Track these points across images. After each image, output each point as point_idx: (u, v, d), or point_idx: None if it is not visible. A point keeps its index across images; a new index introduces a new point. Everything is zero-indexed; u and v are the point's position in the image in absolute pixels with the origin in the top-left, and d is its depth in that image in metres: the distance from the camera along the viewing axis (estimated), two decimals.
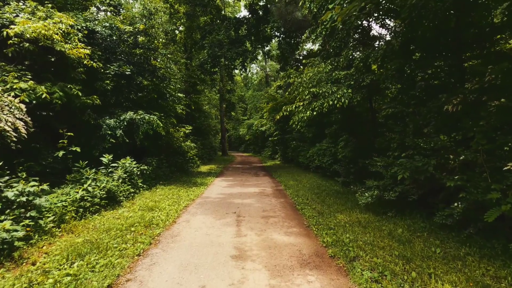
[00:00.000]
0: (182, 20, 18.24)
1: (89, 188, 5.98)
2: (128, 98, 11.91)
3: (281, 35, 15.41)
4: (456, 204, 4.07)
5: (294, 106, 6.68)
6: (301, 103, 6.57)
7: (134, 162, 8.68)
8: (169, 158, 14.26)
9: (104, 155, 7.44)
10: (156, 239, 4.75)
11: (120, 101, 12.24)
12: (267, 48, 19.20)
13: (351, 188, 8.50)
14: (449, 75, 5.40)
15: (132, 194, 7.90)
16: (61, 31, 7.42)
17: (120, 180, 7.71)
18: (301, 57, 15.86)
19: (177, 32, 22.22)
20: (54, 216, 4.93)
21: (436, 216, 4.51)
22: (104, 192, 6.40)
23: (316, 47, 22.32)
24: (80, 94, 7.42)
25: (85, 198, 5.85)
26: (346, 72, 7.03)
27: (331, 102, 6.14)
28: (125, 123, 9.39)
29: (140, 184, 8.84)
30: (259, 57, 49.62)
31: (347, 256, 3.87)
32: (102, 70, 9.50)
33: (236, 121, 48.33)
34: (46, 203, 5.00)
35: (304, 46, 22.94)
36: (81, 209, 5.61)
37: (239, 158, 29.25)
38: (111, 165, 7.50)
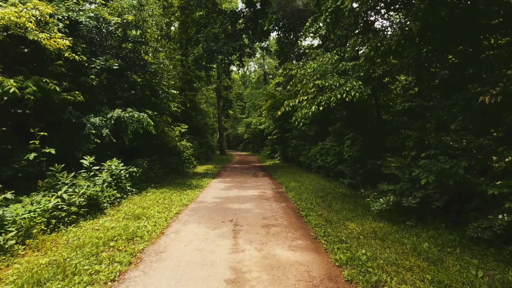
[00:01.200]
0: (176, 14, 17.44)
1: (65, 196, 5.23)
2: (116, 95, 11.15)
3: (280, 29, 14.65)
4: (500, 216, 3.37)
5: (297, 101, 5.96)
6: (305, 97, 5.84)
7: (121, 164, 7.93)
8: (163, 159, 13.51)
9: (85, 157, 6.67)
10: (138, 257, 4.01)
11: (109, 98, 11.50)
12: (265, 44, 18.42)
13: (360, 191, 7.80)
14: (477, 62, 4.69)
15: (118, 200, 7.15)
16: (36, 19, 6.65)
17: (104, 185, 6.96)
18: (301, 51, 15.12)
19: (172, 28, 21.43)
20: (18, 231, 4.19)
21: (469, 227, 3.81)
22: (83, 199, 5.65)
23: (316, 42, 21.59)
24: (58, 89, 6.66)
25: (60, 207, 5.11)
26: (355, 63, 6.31)
27: (339, 96, 5.42)
28: (112, 122, 8.64)
29: (129, 188, 8.09)
30: (257, 55, 49.09)
31: (368, 281, 3.16)
32: (87, 64, 8.72)
33: (235, 119, 47.63)
34: (9, 214, 4.26)
35: (303, 42, 22.18)
36: (54, 220, 4.86)
37: (238, 157, 28.53)
38: (93, 168, 6.73)
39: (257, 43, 20.87)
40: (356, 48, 6.12)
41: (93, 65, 8.96)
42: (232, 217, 6.11)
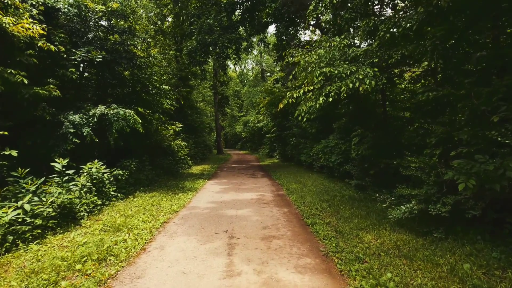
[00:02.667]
0: (169, 7, 16.54)
1: (27, 206, 4.40)
2: (102, 91, 10.29)
3: (280, 20, 13.80)
4: None
5: (301, 91, 5.15)
6: (311, 87, 5.05)
7: (104, 167, 7.09)
8: (155, 159, 12.69)
9: (57, 160, 5.83)
10: (107, 286, 3.21)
11: (93, 94, 10.64)
12: (263, 36, 17.53)
13: (369, 193, 7.02)
14: None
15: (99, 207, 6.33)
16: (2, 2, 5.80)
17: (83, 190, 6.14)
18: (300, 44, 14.30)
19: (166, 23, 20.52)
20: None
21: None
22: (52, 209, 4.83)
23: (316, 37, 20.79)
24: (26, 82, 5.80)
25: (21, 220, 4.28)
26: (367, 48, 5.50)
27: (351, 85, 4.62)
28: (95, 120, 7.79)
29: (113, 193, 7.27)
30: (255, 52, 48.20)
31: None
32: (66, 56, 7.85)
33: (232, 118, 46.81)
34: None
35: (302, 37, 21.30)
36: (11, 237, 4.04)
37: (235, 156, 27.73)
38: (66, 172, 5.88)
39: (254, 38, 20.04)
40: (370, 27, 5.30)
41: (73, 57, 8.09)
42: (227, 227, 5.31)
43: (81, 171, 6.69)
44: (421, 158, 4.59)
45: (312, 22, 14.13)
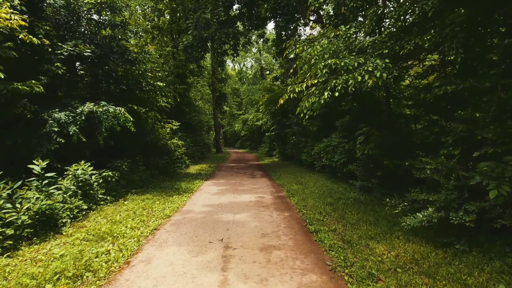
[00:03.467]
0: (164, 1, 16.00)
1: None
2: (92, 87, 9.79)
3: (279, 15, 13.29)
4: None
5: (304, 85, 4.66)
6: (315, 81, 4.56)
7: (91, 168, 6.61)
8: (149, 159, 12.21)
9: (35, 162, 5.33)
10: None
11: (86, 91, 10.14)
12: (261, 36, 16.99)
13: (377, 197, 6.55)
14: None
15: (84, 212, 5.85)
16: None
17: (67, 194, 5.66)
18: (301, 39, 13.78)
19: (162, 18, 19.96)
20: None
21: None
22: (27, 217, 4.35)
23: (316, 32, 20.28)
24: (3, 76, 5.30)
25: None
26: (375, 39, 5.01)
27: (359, 78, 4.14)
28: (83, 118, 7.30)
29: (101, 196, 6.79)
30: (254, 50, 47.63)
31: None
32: (51, 50, 7.35)
33: (232, 116, 46.34)
34: None
35: (303, 32, 20.77)
36: None
37: (234, 155, 27.25)
38: (46, 175, 5.38)
39: (253, 35, 19.49)
40: (379, 15, 4.80)
41: (59, 51, 7.58)
42: (223, 235, 4.84)
43: (65, 173, 6.21)
44: (439, 159, 4.11)
45: (312, 18, 13.66)
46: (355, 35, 5.26)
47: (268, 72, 44.80)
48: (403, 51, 4.55)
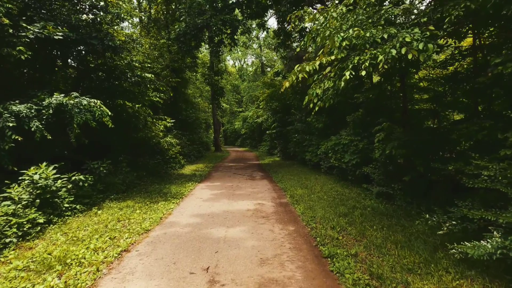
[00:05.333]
0: None
1: None
2: (74, 79, 8.67)
3: (281, 2, 12.08)
4: None
5: (317, 63, 3.50)
6: (330, 58, 3.41)
7: (53, 172, 5.49)
8: (138, 159, 11.10)
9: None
10: None
11: (67, 82, 9.05)
12: (261, 25, 15.75)
13: (400, 206, 5.41)
14: None
15: (40, 227, 4.72)
16: None
17: (18, 206, 4.54)
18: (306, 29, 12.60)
19: (155, 7, 18.76)
20: None
21: None
22: None
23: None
24: None
25: None
26: (406, 6, 3.85)
27: (393, 52, 3.00)
28: (51, 111, 6.18)
29: (68, 205, 5.66)
30: (255, 45, 46.35)
31: None
32: (11, 31, 6.22)
33: (232, 114, 45.23)
34: None
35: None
36: None
37: (234, 154, 26.12)
38: None
39: (253, 22, 18.22)
40: None
41: (24, 33, 6.45)
42: (210, 260, 3.71)
43: (21, 177, 5.10)
44: (503, 164, 2.96)
45: None
46: (378, 3, 4.09)
47: (268, 68, 43.62)
48: (448, 19, 3.38)
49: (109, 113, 6.86)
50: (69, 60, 8.88)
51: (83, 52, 8.46)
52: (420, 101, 7.44)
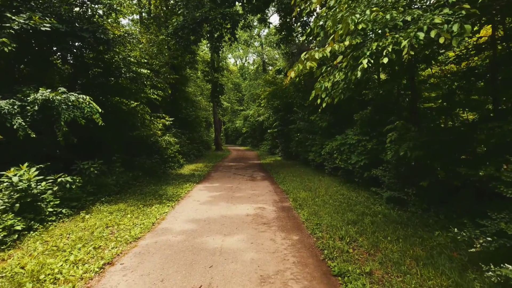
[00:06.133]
0: None
1: None
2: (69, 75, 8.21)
3: None
4: None
5: (328, 50, 3.00)
6: (343, 45, 2.93)
7: (35, 173, 5.04)
8: (134, 158, 10.66)
9: None
10: None
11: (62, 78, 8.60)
12: (263, 20, 15.23)
13: (414, 213, 4.92)
14: None
15: (17, 235, 4.27)
16: None
17: None
18: (310, 21, 12.09)
19: (154, 1, 18.27)
20: None
21: None
22: None
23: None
24: None
25: None
26: None
27: (421, 35, 2.51)
28: (36, 107, 5.74)
29: (53, 209, 5.21)
30: (256, 43, 45.76)
31: None
32: None
33: (233, 113, 44.77)
34: None
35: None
36: None
37: (235, 153, 25.67)
38: None
39: (254, 17, 17.70)
40: None
41: (7, 24, 6.01)
42: (203, 277, 3.25)
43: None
44: None
45: None
46: None
47: (270, 67, 43.08)
48: None
49: (99, 110, 6.40)
50: (64, 55, 8.39)
51: (76, 46, 7.98)
52: (429, 99, 6.95)
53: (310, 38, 4.04)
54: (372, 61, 2.73)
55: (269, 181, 9.84)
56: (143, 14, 20.90)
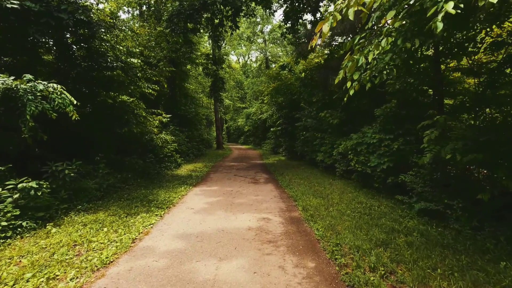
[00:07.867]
0: None
1: None
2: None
3: None
4: None
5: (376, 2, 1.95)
6: None
7: None
8: (125, 158, 9.68)
9: None
10: None
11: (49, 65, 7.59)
12: (266, 8, 14.12)
13: (462, 232, 3.87)
14: None
15: None
16: None
17: None
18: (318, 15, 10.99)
19: None
20: None
21: None
22: None
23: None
24: None
25: None
26: None
27: None
28: None
29: (6, 223, 4.22)
30: (259, 40, 44.61)
31: None
32: None
33: (235, 111, 43.78)
34: None
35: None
36: None
37: (236, 152, 24.66)
38: None
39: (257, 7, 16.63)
40: None
41: None
42: None
43: None
44: None
45: None
46: None
47: (273, 64, 41.99)
48: None
49: (74, 102, 5.40)
50: (38, 39, 7.38)
51: (54, 26, 6.97)
52: (458, 94, 5.89)
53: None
54: (461, 5, 1.68)
55: (274, 184, 8.81)
56: (143, 7, 19.94)
